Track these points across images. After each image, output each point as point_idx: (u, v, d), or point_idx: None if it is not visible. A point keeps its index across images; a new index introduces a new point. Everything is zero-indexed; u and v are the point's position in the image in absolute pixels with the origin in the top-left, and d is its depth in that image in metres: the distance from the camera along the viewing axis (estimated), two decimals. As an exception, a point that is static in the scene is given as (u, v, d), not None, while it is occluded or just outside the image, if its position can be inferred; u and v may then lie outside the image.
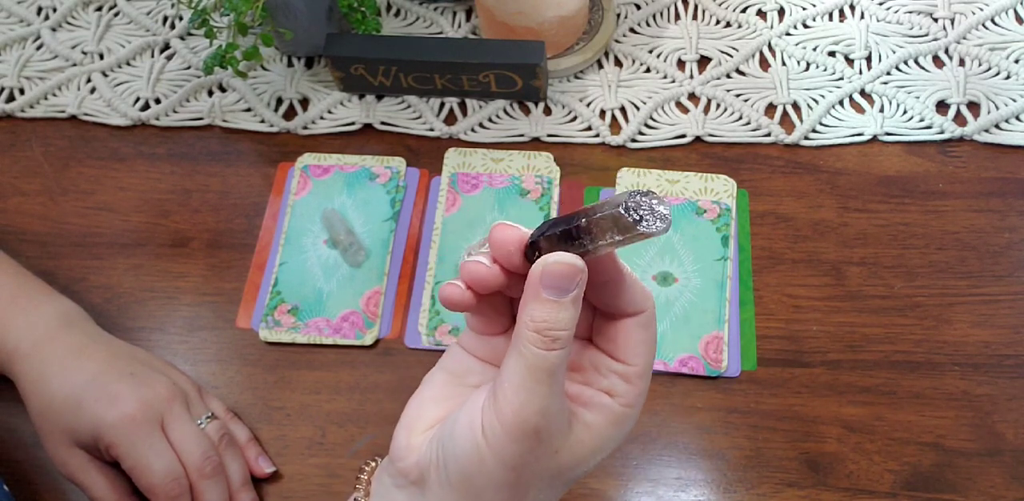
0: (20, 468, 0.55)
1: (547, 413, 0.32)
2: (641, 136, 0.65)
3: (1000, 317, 0.57)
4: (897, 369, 0.56)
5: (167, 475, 0.49)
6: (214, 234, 0.62)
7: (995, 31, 0.68)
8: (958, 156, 0.63)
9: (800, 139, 0.64)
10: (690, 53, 0.68)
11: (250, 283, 0.60)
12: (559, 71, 0.66)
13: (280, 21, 0.64)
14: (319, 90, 0.68)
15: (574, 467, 0.34)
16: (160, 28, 0.71)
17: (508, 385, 0.32)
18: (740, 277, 0.59)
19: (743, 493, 0.53)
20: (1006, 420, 0.54)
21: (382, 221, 0.62)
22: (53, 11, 0.72)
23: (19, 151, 0.67)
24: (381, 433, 0.55)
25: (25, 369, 0.51)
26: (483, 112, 0.66)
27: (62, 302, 0.55)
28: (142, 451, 0.49)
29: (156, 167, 0.65)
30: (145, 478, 0.49)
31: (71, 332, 0.53)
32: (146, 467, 0.49)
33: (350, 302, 0.59)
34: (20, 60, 0.70)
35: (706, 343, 0.57)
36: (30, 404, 0.51)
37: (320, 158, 0.64)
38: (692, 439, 0.54)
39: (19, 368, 0.52)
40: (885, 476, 0.53)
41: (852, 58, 0.67)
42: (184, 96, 0.68)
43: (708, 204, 0.61)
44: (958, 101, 0.65)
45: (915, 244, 0.60)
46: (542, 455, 0.33)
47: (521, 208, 0.62)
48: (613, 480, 0.53)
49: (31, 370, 0.51)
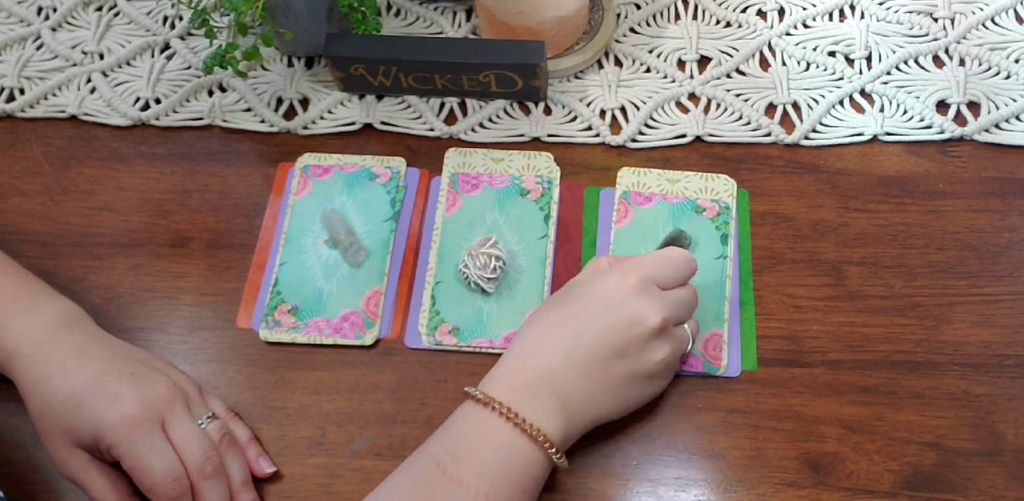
0: (20, 468, 0.55)
1: None
2: (641, 136, 0.65)
3: (1000, 317, 0.57)
4: (897, 369, 0.56)
5: (168, 475, 0.49)
6: (214, 234, 0.63)
7: (995, 31, 0.68)
8: (958, 156, 0.63)
9: (800, 139, 0.64)
10: (690, 53, 0.68)
11: (250, 283, 0.60)
12: (559, 71, 0.66)
13: (280, 21, 0.64)
14: (319, 90, 0.68)
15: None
16: (160, 28, 0.71)
17: None
18: (740, 277, 0.59)
19: (743, 493, 0.53)
20: (1006, 420, 0.54)
21: (382, 221, 0.62)
22: (53, 11, 0.72)
23: (19, 151, 0.67)
24: (381, 433, 0.55)
25: (25, 369, 0.51)
26: (483, 112, 0.66)
27: (62, 302, 0.55)
28: (143, 451, 0.49)
29: (156, 167, 0.65)
30: (146, 478, 0.49)
31: (71, 332, 0.53)
32: (147, 467, 0.49)
33: (350, 302, 0.59)
34: (20, 60, 0.70)
35: (706, 341, 0.57)
36: (30, 404, 0.51)
37: (320, 158, 0.65)
38: (692, 439, 0.54)
39: (19, 368, 0.52)
40: (885, 476, 0.53)
41: (852, 58, 0.67)
42: (184, 96, 0.68)
43: (707, 202, 0.61)
44: (958, 101, 0.65)
45: (915, 244, 0.60)
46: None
47: (521, 208, 0.62)
48: (613, 480, 0.53)
49: (31, 370, 0.51)
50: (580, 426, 0.50)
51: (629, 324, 0.49)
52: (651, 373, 0.51)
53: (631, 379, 0.50)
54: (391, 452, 0.55)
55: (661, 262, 0.52)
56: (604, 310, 0.49)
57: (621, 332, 0.49)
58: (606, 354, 0.49)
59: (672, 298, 0.51)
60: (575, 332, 0.49)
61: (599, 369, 0.49)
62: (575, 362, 0.49)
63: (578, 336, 0.49)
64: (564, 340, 0.49)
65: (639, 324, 0.49)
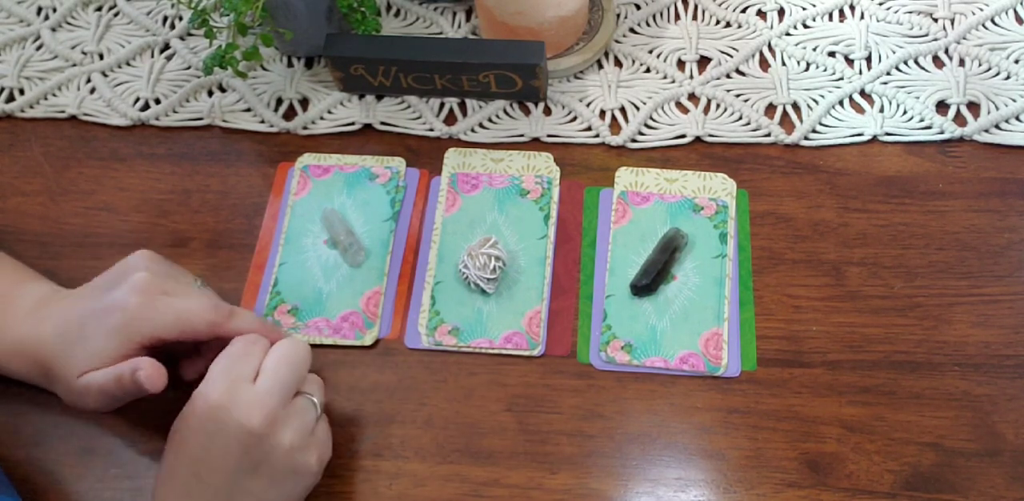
0: (20, 468, 0.55)
1: None
2: (641, 136, 0.65)
3: (1000, 317, 0.57)
4: (897, 369, 0.56)
5: (207, 306, 0.50)
6: (214, 234, 0.63)
7: (995, 31, 0.68)
8: (958, 156, 0.63)
9: (800, 139, 0.64)
10: (690, 53, 0.68)
11: (250, 283, 0.60)
12: (559, 71, 0.66)
13: (280, 21, 0.64)
14: (319, 90, 0.68)
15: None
16: (160, 28, 0.71)
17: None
18: (740, 277, 0.59)
19: (743, 493, 0.53)
20: (1006, 420, 0.54)
21: (382, 221, 0.62)
22: (53, 11, 0.72)
23: (19, 151, 0.67)
24: (381, 433, 0.55)
25: (25, 354, 0.52)
26: (483, 112, 0.66)
27: (34, 288, 0.55)
28: (175, 304, 0.50)
29: (156, 167, 0.65)
30: (196, 316, 0.50)
31: (48, 303, 0.53)
32: (184, 311, 0.50)
33: (350, 302, 0.59)
34: (20, 60, 0.70)
35: (706, 340, 0.57)
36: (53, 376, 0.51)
37: (320, 158, 0.65)
38: (692, 439, 0.54)
39: (15, 365, 0.52)
40: (885, 476, 0.53)
41: (852, 58, 0.67)
42: (184, 96, 0.68)
43: (705, 201, 0.62)
44: (958, 101, 0.65)
45: (915, 244, 0.60)
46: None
47: (521, 208, 0.62)
48: (613, 480, 0.53)
49: (28, 350, 0.51)
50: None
51: (236, 439, 0.46)
52: (289, 464, 0.48)
53: (275, 480, 0.47)
54: (391, 452, 0.55)
55: (229, 358, 0.49)
56: (207, 441, 0.46)
57: (235, 451, 0.46)
58: (233, 479, 0.46)
59: (265, 385, 0.48)
60: (192, 474, 0.46)
61: (240, 497, 0.46)
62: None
63: (197, 478, 0.46)
64: (189, 489, 0.46)
65: (244, 433, 0.46)
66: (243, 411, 0.46)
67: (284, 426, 0.47)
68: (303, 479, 0.49)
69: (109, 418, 0.56)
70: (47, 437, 0.56)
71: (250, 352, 0.49)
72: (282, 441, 0.47)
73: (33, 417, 0.56)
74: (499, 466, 0.54)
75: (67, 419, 0.56)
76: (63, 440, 0.55)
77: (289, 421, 0.48)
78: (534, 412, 0.56)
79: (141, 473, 0.54)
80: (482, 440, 0.55)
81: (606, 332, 0.57)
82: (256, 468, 0.47)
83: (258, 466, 0.47)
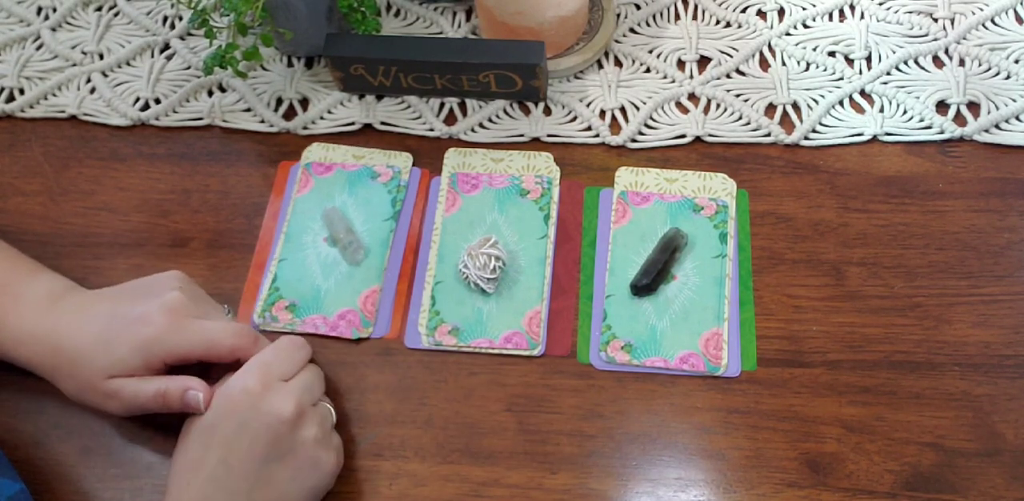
0: (20, 468, 0.54)
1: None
2: (641, 136, 0.65)
3: (1000, 317, 0.57)
4: (897, 369, 0.56)
5: (235, 330, 0.52)
6: (214, 234, 0.63)
7: (995, 31, 0.68)
8: (958, 156, 0.63)
9: (800, 139, 0.64)
10: (690, 53, 0.68)
11: (250, 283, 0.60)
12: (559, 71, 0.66)
13: (280, 21, 0.64)
14: (319, 90, 0.68)
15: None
16: (160, 28, 0.71)
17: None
18: (740, 277, 0.59)
19: (743, 493, 0.53)
20: (1006, 420, 0.54)
21: (382, 220, 0.62)
22: (53, 11, 0.72)
23: (19, 151, 0.67)
24: (381, 433, 0.55)
25: (36, 350, 0.52)
26: (483, 112, 0.66)
27: (46, 280, 0.55)
28: (205, 327, 0.51)
29: (156, 167, 0.65)
30: (222, 340, 0.51)
31: (64, 300, 0.54)
32: (212, 333, 0.51)
33: (348, 300, 0.59)
34: (20, 60, 0.70)
35: (706, 340, 0.57)
36: (59, 375, 0.52)
37: (328, 148, 0.65)
38: (692, 439, 0.54)
39: (26, 355, 0.52)
40: (885, 476, 0.53)
41: (852, 58, 0.67)
42: (184, 96, 0.68)
43: (705, 201, 0.62)
44: (958, 101, 0.65)
45: (915, 244, 0.60)
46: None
47: (521, 208, 0.62)
48: (613, 480, 0.53)
49: (41, 347, 0.52)
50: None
51: (268, 426, 0.48)
52: (312, 457, 0.50)
53: (298, 472, 0.49)
54: (391, 452, 0.55)
55: (272, 355, 0.52)
56: (238, 428, 0.49)
57: (265, 438, 0.48)
58: (260, 467, 0.48)
59: (297, 384, 0.51)
60: (219, 462, 0.48)
61: (263, 486, 0.48)
62: (235, 494, 0.48)
63: (225, 465, 0.48)
64: (216, 476, 0.48)
65: (277, 421, 0.49)
66: (278, 401, 0.49)
67: (311, 421, 0.50)
68: (322, 477, 0.51)
69: (109, 418, 0.56)
70: (47, 437, 0.56)
71: (292, 356, 0.52)
72: (308, 434, 0.50)
73: (33, 417, 0.56)
74: (499, 466, 0.54)
75: (67, 419, 0.56)
76: (63, 440, 0.56)
77: (315, 418, 0.51)
78: (534, 412, 0.56)
79: (141, 473, 0.54)
80: (482, 440, 0.55)
81: (606, 332, 0.57)
82: (282, 457, 0.49)
83: (284, 456, 0.49)
